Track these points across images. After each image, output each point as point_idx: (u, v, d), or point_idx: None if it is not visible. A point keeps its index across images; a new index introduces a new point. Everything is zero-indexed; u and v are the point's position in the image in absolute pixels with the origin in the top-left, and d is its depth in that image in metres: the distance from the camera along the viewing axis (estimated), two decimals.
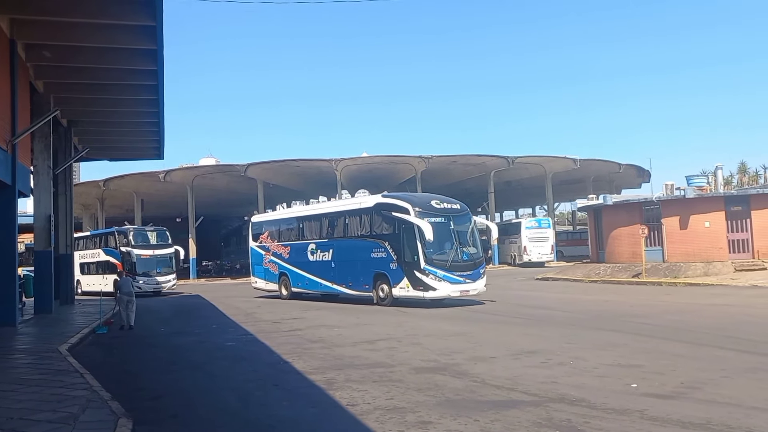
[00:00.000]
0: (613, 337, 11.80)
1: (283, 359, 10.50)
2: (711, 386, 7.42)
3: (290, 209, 27.51)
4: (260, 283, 26.75)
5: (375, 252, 20.15)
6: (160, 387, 8.90)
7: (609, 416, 6.22)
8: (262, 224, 27.73)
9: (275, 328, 15.37)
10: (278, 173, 49.60)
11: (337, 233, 22.39)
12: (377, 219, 20.36)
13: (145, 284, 32.01)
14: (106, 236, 36.25)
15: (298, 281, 24.04)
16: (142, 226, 38.26)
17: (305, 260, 23.58)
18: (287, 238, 25.29)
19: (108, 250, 35.00)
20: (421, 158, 47.83)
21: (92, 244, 37.53)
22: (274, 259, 25.60)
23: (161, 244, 34.63)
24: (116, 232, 34.87)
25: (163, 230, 35.98)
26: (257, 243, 27.09)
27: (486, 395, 7.33)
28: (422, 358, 10.08)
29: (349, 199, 24.17)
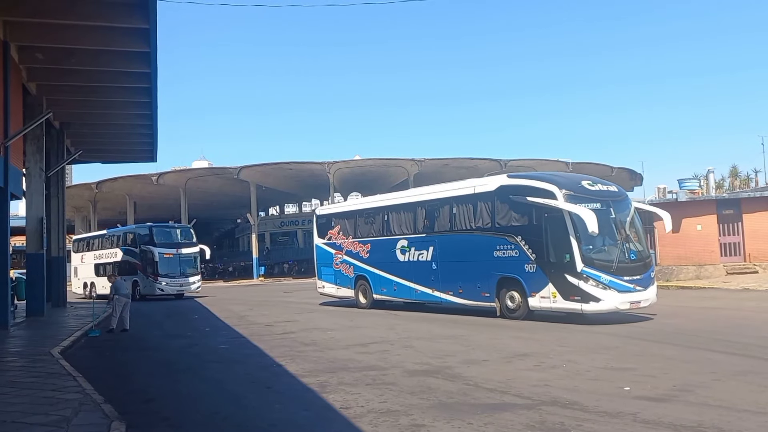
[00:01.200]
0: (605, 340, 11.85)
1: (276, 362, 10.49)
2: (703, 389, 7.47)
3: (371, 198, 23.22)
4: (329, 287, 22.34)
5: (500, 250, 15.69)
6: (152, 390, 8.87)
7: (602, 419, 6.26)
8: (331, 217, 22.91)
9: (268, 330, 15.35)
10: (271, 176, 49.58)
11: (440, 226, 17.89)
12: (502, 207, 15.80)
13: (168, 286, 30.16)
14: (125, 234, 33.77)
15: (382, 286, 19.79)
16: (165, 223, 35.46)
17: (393, 260, 19.33)
18: (367, 233, 20.65)
19: (127, 249, 32.53)
20: (413, 161, 47.93)
21: (109, 243, 35.18)
22: (349, 260, 21.19)
23: (185, 243, 32.03)
24: (136, 230, 32.75)
25: (188, 228, 33.88)
26: (324, 240, 22.58)
27: (479, 398, 7.35)
28: (415, 361, 10.09)
29: (457, 183, 18.55)
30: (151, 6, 14.49)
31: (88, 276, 35.99)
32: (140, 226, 33.02)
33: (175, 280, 30.45)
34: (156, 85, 19.14)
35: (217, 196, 55.14)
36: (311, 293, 31.18)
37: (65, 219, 26.20)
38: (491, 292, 15.97)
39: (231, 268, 56.70)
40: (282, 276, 54.07)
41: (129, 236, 32.94)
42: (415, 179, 49.14)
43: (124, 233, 34.37)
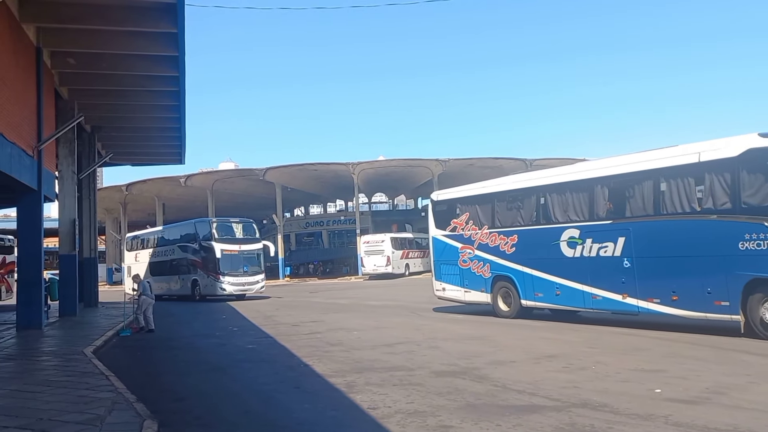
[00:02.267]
0: (635, 341, 11.70)
1: (303, 362, 10.57)
2: (737, 391, 7.34)
3: (516, 177, 17.51)
4: (452, 290, 18.24)
5: (751, 241, 11.29)
6: (183, 389, 9.00)
7: (633, 422, 6.18)
8: (455, 203, 18.59)
9: (295, 331, 15.46)
10: (296, 177, 49.92)
11: (635, 210, 13.51)
12: (753, 179, 11.44)
13: (230, 285, 28.20)
14: (183, 230, 32.13)
15: (536, 290, 15.59)
16: (226, 218, 32.97)
17: (554, 257, 15.04)
18: (511, 222, 16.42)
19: (185, 246, 30.90)
20: (438, 161, 47.83)
21: (165, 240, 33.70)
22: (484, 256, 17.08)
23: (248, 238, 30.11)
24: (196, 225, 30.79)
25: (250, 222, 31.57)
26: (445, 231, 18.46)
27: (507, 400, 7.32)
28: (442, 361, 10.07)
29: (663, 150, 13.37)
30: (180, 10, 14.70)
31: (143, 275, 35.39)
32: (200, 220, 31.15)
33: (238, 278, 28.61)
34: (184, 88, 19.41)
35: (244, 198, 55.68)
36: (336, 293, 31.44)
37: (97, 220, 26.69)
38: (733, 299, 11.53)
39: None
40: (307, 276, 54.36)
41: (187, 232, 31.35)
42: (439, 179, 49.09)
43: (182, 228, 32.70)
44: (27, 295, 16.16)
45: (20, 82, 14.72)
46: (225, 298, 28.88)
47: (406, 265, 47.22)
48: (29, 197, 15.89)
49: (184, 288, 30.70)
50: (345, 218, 63.01)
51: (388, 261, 44.94)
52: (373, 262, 45.56)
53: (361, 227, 51.35)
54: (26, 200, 16.01)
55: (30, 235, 16.23)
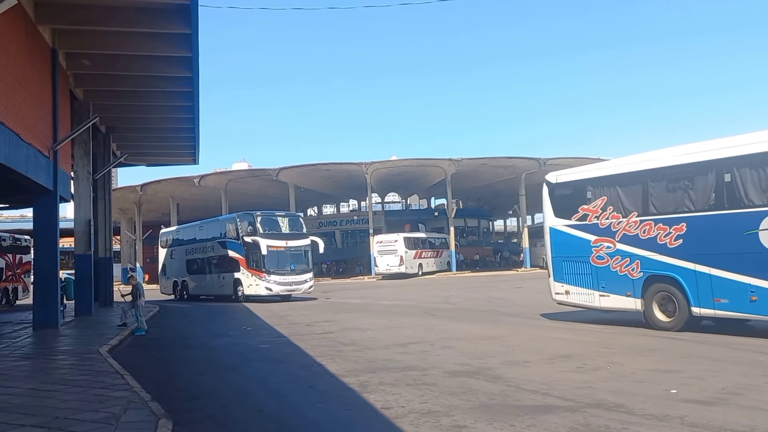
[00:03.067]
0: (649, 342, 11.60)
1: (316, 361, 10.58)
2: (754, 392, 7.26)
3: (675, 149, 13.35)
4: (579, 293, 14.82)
5: None
6: (197, 388, 9.04)
7: (648, 422, 6.13)
8: (583, 185, 15.05)
9: (308, 330, 15.49)
10: (309, 177, 50.05)
11: None
12: None
13: (277, 285, 26.01)
14: (224, 224, 29.65)
15: (717, 293, 11.98)
16: (271, 210, 30.55)
17: (749, 250, 11.46)
18: (674, 207, 12.89)
19: (226, 241, 28.52)
20: (451, 161, 47.73)
21: (204, 235, 31.26)
22: (630, 250, 13.60)
23: (295, 234, 27.64)
24: (238, 219, 28.09)
25: (297, 216, 29.79)
26: (570, 220, 15.05)
27: (521, 400, 7.28)
28: (455, 361, 10.05)
29: None
30: (193, 11, 14.79)
31: (179, 274, 32.60)
32: (243, 213, 28.43)
33: (285, 278, 26.19)
34: (198, 88, 19.52)
35: (257, 198, 55.88)
36: (349, 293, 31.48)
37: (112, 221, 26.92)
38: None
39: None
40: (320, 276, 54.46)
41: (229, 226, 28.89)
42: (452, 179, 48.99)
43: (222, 223, 30.38)
44: (43, 295, 16.33)
45: (36, 84, 14.87)
46: (269, 299, 26.67)
47: (419, 265, 47.18)
48: (45, 198, 16.05)
49: (224, 288, 28.41)
50: (358, 218, 63.02)
51: (401, 261, 44.92)
52: (386, 262, 45.55)
53: (374, 227, 51.37)
54: (42, 201, 16.17)
55: (46, 236, 16.39)
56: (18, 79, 13.29)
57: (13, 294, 28.62)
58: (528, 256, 51.75)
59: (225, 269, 28.32)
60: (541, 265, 49.38)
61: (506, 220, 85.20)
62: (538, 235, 51.77)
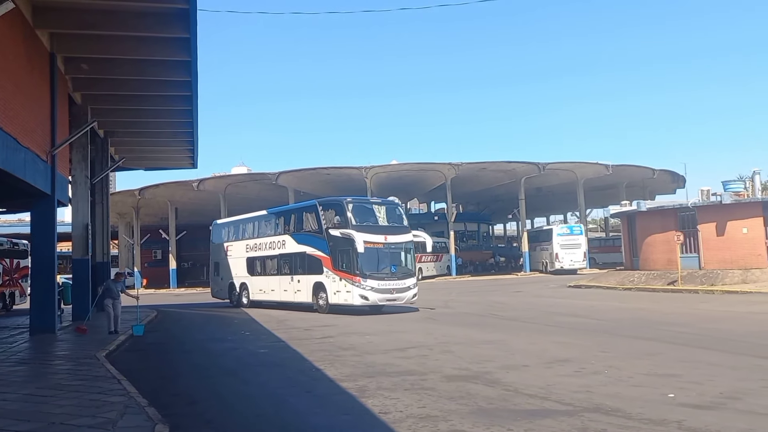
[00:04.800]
0: (648, 346, 11.59)
1: (315, 366, 10.56)
2: (751, 396, 7.25)
3: None
4: None
5: None
6: (195, 393, 9.02)
7: (646, 427, 6.12)
8: None
9: (307, 335, 15.46)
10: (308, 181, 50.01)
11: None
12: None
13: (374, 292, 20.14)
14: (301, 214, 23.87)
15: None
16: (364, 197, 25.13)
17: None
18: None
19: (304, 235, 22.96)
20: (450, 165, 47.72)
21: (271, 227, 25.71)
22: None
23: (395, 227, 21.72)
24: (320, 207, 22.35)
25: (396, 204, 23.33)
26: None
27: (519, 404, 7.27)
28: (454, 366, 10.03)
29: None
30: (192, 16, 14.79)
31: (237, 275, 27.30)
32: (328, 200, 22.89)
33: (385, 283, 20.41)
34: (197, 92, 19.51)
35: (256, 202, 55.69)
36: None
37: (109, 225, 26.86)
38: None
39: None
40: None
41: (307, 216, 23.23)
42: (452, 183, 48.99)
43: (298, 212, 24.41)
44: (40, 300, 16.29)
45: (34, 88, 14.87)
46: (359, 311, 20.82)
47: (419, 269, 47.14)
48: (43, 202, 16.02)
49: (300, 294, 23.05)
50: None
51: None
52: None
53: None
54: (40, 205, 16.14)
55: (43, 240, 16.35)
56: (16, 83, 13.28)
57: (11, 299, 28.51)
58: (527, 260, 51.68)
59: (301, 271, 22.94)
60: (540, 269, 49.46)
61: (506, 224, 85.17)
62: (536, 239, 51.84)
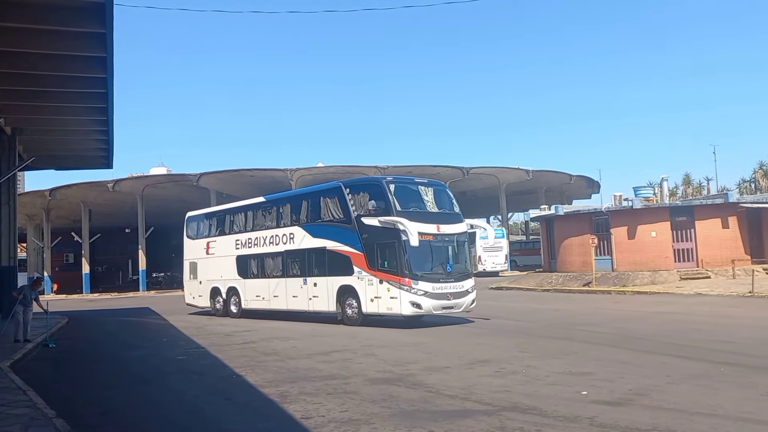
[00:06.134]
0: (564, 346, 12.02)
1: (235, 372, 10.35)
2: (657, 393, 7.64)
3: None
4: None
5: None
6: (108, 403, 8.64)
7: (560, 424, 6.34)
8: None
9: (228, 341, 15.14)
10: (231, 183, 49.07)
11: None
12: None
13: (428, 299, 15.77)
14: (317, 199, 18.80)
15: None
16: (407, 177, 19.46)
17: None
18: None
19: (321, 227, 18.31)
20: (377, 168, 47.99)
21: (271, 218, 20.69)
22: None
23: (446, 214, 17.24)
24: (347, 189, 17.56)
25: (444, 186, 18.43)
26: None
27: (440, 405, 7.38)
28: (377, 369, 10.07)
29: None
30: (108, 11, 14.21)
31: (223, 277, 22.47)
32: (359, 180, 18.57)
33: (440, 286, 16.03)
34: (112, 90, 18.74)
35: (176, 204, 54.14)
36: None
37: (17, 227, 25.39)
38: None
39: None
40: None
41: (327, 202, 18.20)
42: None
43: (313, 197, 19.21)
44: None
45: None
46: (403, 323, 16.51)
47: None
48: None
49: (318, 301, 18.32)
50: None
51: None
52: None
53: None
54: None
55: None
56: None
57: None
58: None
59: (318, 271, 18.36)
60: None
61: None
62: None
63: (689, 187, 63.38)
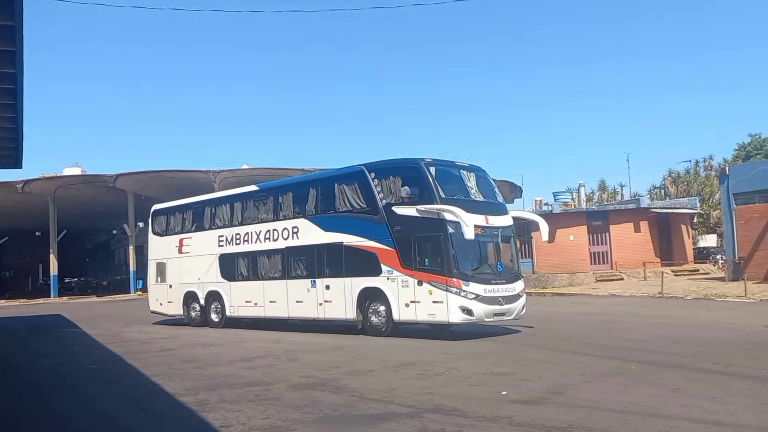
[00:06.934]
0: (487, 346, 12.30)
1: (152, 381, 9.97)
2: (572, 391, 7.91)
3: None
4: None
5: None
6: (18, 413, 8.14)
7: (480, 424, 6.46)
8: None
9: (145, 348, 14.60)
10: (151, 185, 47.50)
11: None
12: None
13: (478, 303, 13.28)
14: (330, 186, 16.06)
15: None
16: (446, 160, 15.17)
17: None
18: None
19: (336, 219, 15.60)
20: (303, 171, 47.65)
21: (266, 210, 17.69)
22: None
23: (492, 203, 14.85)
24: (369, 173, 15.02)
25: (484, 172, 15.43)
26: None
27: (363, 409, 7.36)
28: (301, 374, 9.96)
29: None
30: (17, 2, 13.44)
31: (200, 280, 19.45)
32: (388, 163, 15.20)
33: (492, 288, 13.64)
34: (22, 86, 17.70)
35: (91, 206, 51.97)
36: None
37: None
38: None
39: (105, 282, 53.58)
40: None
41: (344, 189, 15.49)
42: None
43: (325, 183, 16.55)
44: None
45: None
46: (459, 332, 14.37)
47: None
48: None
49: (331, 306, 15.53)
50: None
51: None
52: None
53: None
54: None
55: None
56: None
57: None
58: None
59: (332, 271, 15.61)
60: None
61: None
62: None
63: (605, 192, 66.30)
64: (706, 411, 6.69)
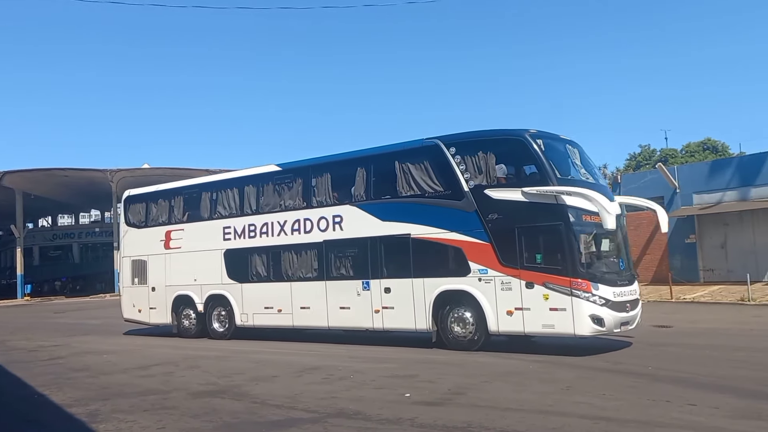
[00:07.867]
0: (392, 351, 12.33)
1: (38, 392, 9.33)
2: (473, 391, 8.11)
3: None
4: None
5: None
6: None
7: (383, 426, 6.48)
8: None
9: (32, 357, 13.66)
10: (42, 183, 44.72)
11: None
12: None
13: (609, 310, 10.58)
14: (386, 164, 12.94)
15: None
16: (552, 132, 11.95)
17: None
18: None
19: (398, 206, 12.62)
20: (207, 171, 46.27)
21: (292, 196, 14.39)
22: None
23: (600, 185, 12.06)
24: (448, 148, 11.99)
25: (582, 149, 12.44)
26: None
27: (265, 416, 7.21)
28: (200, 381, 9.64)
29: None
30: None
31: (196, 281, 15.99)
32: (484, 135, 12.03)
33: (620, 291, 11.04)
34: None
35: None
36: (88, 313, 28.59)
37: None
38: None
39: None
40: (53, 295, 48.85)
41: (407, 169, 12.55)
42: None
43: (378, 161, 13.25)
44: None
45: None
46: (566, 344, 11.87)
47: None
48: None
49: (397, 314, 12.53)
50: (100, 230, 57.92)
51: None
52: None
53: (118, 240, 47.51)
54: None
55: None
56: None
57: None
58: None
59: (396, 270, 12.67)
60: None
61: None
62: None
63: None
64: None
